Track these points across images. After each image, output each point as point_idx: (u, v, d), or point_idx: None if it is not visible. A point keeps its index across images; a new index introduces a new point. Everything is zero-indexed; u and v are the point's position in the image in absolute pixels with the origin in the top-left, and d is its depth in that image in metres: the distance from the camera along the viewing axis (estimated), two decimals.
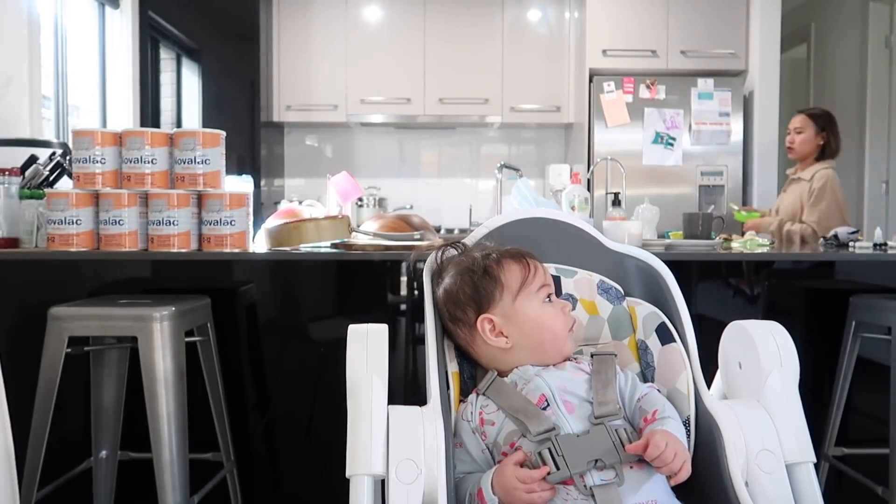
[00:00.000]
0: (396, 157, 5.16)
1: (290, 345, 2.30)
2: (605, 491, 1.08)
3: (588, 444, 1.11)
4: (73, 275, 2.20)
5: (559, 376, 1.21)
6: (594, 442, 1.12)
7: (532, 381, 1.21)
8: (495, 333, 1.25)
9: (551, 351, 1.25)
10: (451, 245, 1.38)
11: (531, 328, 1.25)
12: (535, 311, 1.26)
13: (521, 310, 1.25)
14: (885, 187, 4.54)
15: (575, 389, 1.20)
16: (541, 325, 1.25)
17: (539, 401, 1.18)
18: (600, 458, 1.10)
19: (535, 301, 1.26)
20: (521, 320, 1.25)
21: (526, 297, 1.26)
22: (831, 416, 2.16)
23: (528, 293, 1.26)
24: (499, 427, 1.17)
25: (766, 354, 1.22)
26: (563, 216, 1.48)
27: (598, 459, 1.10)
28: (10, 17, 2.94)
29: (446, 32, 4.75)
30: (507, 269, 1.27)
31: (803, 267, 2.43)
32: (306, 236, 2.05)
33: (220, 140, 2.06)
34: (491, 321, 1.25)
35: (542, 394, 1.18)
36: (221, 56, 4.67)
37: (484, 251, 1.32)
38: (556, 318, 1.26)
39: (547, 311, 1.26)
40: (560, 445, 1.11)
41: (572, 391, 1.19)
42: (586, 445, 1.11)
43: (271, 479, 2.28)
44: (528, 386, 1.20)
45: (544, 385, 1.19)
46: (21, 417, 1.63)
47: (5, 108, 2.90)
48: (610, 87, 4.18)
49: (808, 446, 1.18)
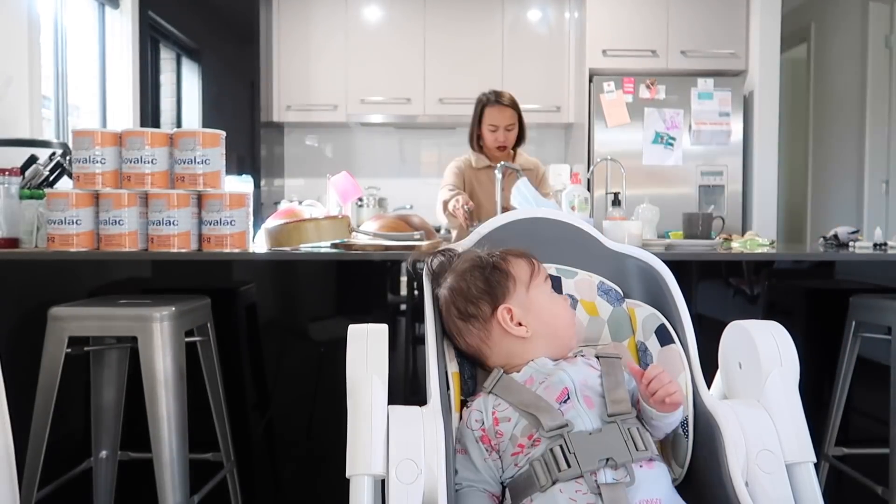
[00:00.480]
0: (396, 157, 5.16)
1: (290, 345, 2.30)
2: (612, 490, 1.07)
3: (600, 442, 1.11)
4: (73, 275, 2.20)
5: (578, 370, 1.20)
6: (606, 440, 1.12)
7: (554, 374, 1.20)
8: (515, 322, 1.26)
9: (565, 340, 1.28)
10: (446, 250, 1.38)
11: (548, 316, 1.27)
12: (549, 301, 1.29)
13: (536, 300, 1.28)
14: (885, 187, 4.54)
15: (593, 385, 1.19)
16: (556, 313, 1.29)
17: (561, 394, 1.16)
18: (612, 456, 1.10)
19: (547, 291, 1.31)
20: (537, 309, 1.27)
21: (537, 287, 1.29)
22: (831, 416, 2.16)
23: (538, 284, 1.30)
24: (515, 422, 1.16)
25: (766, 354, 1.22)
26: (563, 216, 1.48)
27: (610, 458, 1.10)
28: (10, 17, 2.94)
29: (446, 32, 4.75)
30: (515, 263, 1.30)
31: (803, 267, 2.43)
32: (306, 236, 2.05)
33: (220, 140, 2.06)
34: (510, 310, 1.26)
35: (566, 387, 1.17)
36: (221, 56, 4.67)
37: (484, 251, 1.33)
38: (566, 309, 1.31)
39: (557, 301, 1.31)
40: (572, 442, 1.11)
41: (591, 386, 1.19)
42: (598, 443, 1.11)
43: (271, 479, 2.28)
44: (550, 379, 1.19)
45: (567, 378, 1.18)
46: (21, 417, 1.63)
47: (5, 108, 2.90)
48: (610, 87, 4.18)
49: (808, 446, 1.18)
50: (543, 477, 1.10)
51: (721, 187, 4.20)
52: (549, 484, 1.09)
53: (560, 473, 1.09)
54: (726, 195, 4.19)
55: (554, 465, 1.10)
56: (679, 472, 1.21)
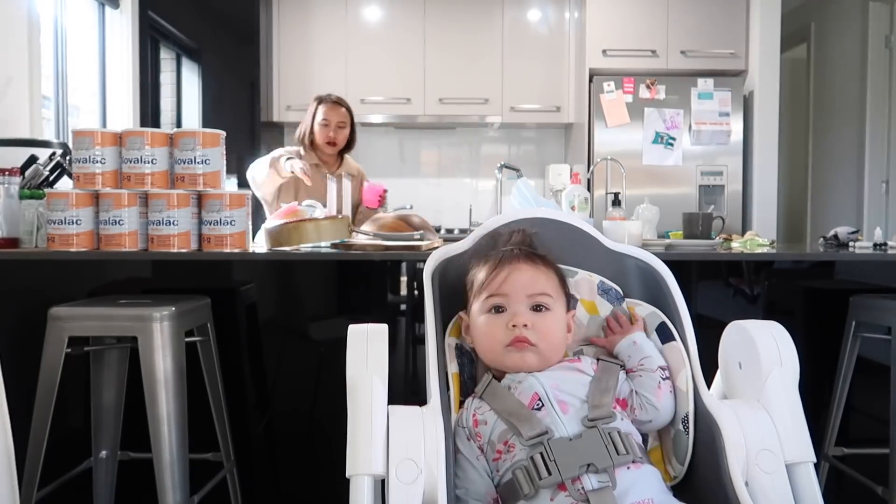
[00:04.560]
0: (396, 157, 5.16)
1: (290, 345, 2.30)
2: (600, 495, 1.07)
3: (580, 448, 1.11)
4: (73, 275, 2.20)
5: (552, 375, 1.21)
6: (587, 446, 1.11)
7: (525, 380, 1.21)
8: (467, 331, 1.30)
9: (488, 361, 1.26)
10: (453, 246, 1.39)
11: (476, 333, 1.27)
12: (478, 319, 1.27)
13: (473, 314, 1.28)
14: (885, 187, 4.54)
15: (571, 389, 1.20)
16: (478, 332, 1.27)
17: (532, 400, 1.17)
18: (592, 462, 1.10)
19: (481, 310, 1.27)
20: (473, 325, 1.28)
21: (478, 304, 1.27)
22: (831, 416, 2.16)
23: (479, 301, 1.27)
24: (491, 426, 1.18)
25: (766, 354, 1.22)
26: (563, 216, 1.48)
27: (591, 464, 1.10)
28: (10, 17, 2.94)
29: (446, 32, 4.75)
30: (479, 271, 1.29)
31: (803, 267, 2.43)
32: (306, 236, 2.05)
33: (220, 140, 2.06)
34: (463, 319, 1.30)
35: (535, 392, 1.18)
36: (221, 56, 4.67)
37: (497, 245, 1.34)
38: (495, 330, 1.24)
39: (489, 321, 1.25)
40: (552, 450, 1.11)
41: (568, 390, 1.19)
42: (578, 449, 1.11)
43: (271, 479, 2.28)
44: (521, 386, 1.20)
45: (537, 384, 1.19)
46: (21, 417, 1.63)
47: (5, 108, 2.90)
48: (610, 87, 4.18)
49: (808, 446, 1.18)
50: (526, 486, 1.10)
51: (721, 187, 4.20)
52: (532, 492, 1.09)
53: (541, 481, 1.09)
54: (726, 195, 4.19)
55: (535, 472, 1.10)
56: (679, 469, 1.21)
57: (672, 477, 1.23)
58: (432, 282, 1.35)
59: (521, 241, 1.34)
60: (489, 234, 1.39)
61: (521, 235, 1.35)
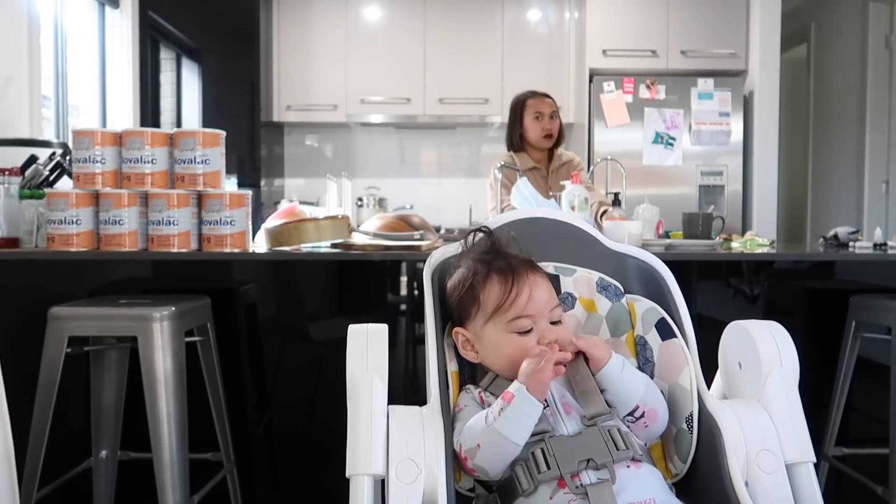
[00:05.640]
0: (396, 157, 5.16)
1: (290, 345, 2.30)
2: (598, 489, 1.07)
3: (580, 445, 1.11)
4: (73, 275, 2.20)
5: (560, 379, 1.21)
6: (586, 442, 1.12)
7: None
8: (468, 346, 1.26)
9: (511, 377, 1.21)
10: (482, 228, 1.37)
11: (492, 352, 1.24)
12: (498, 339, 1.23)
13: (487, 334, 1.24)
14: (885, 187, 4.54)
15: (566, 391, 1.20)
16: (500, 352, 1.23)
17: None
18: (592, 457, 1.10)
19: (504, 330, 1.23)
20: (485, 343, 1.24)
21: (494, 324, 1.23)
22: (831, 416, 2.16)
23: (498, 321, 1.23)
24: None
25: (766, 354, 1.22)
26: (563, 216, 1.48)
27: (590, 459, 1.10)
28: (10, 17, 2.94)
29: (446, 32, 4.75)
30: (489, 288, 1.24)
31: (803, 267, 2.43)
32: (306, 236, 2.05)
33: (220, 140, 2.06)
34: (463, 335, 1.27)
35: None
36: (221, 56, 4.67)
37: (482, 258, 1.29)
38: (525, 353, 1.18)
39: (515, 342, 1.22)
40: (551, 446, 1.11)
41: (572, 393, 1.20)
42: (578, 445, 1.11)
43: (271, 479, 2.28)
44: None
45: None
46: (21, 417, 1.63)
47: (5, 108, 2.91)
48: (610, 87, 4.19)
49: (808, 446, 1.18)
50: (525, 481, 1.10)
51: (721, 187, 4.20)
52: (531, 488, 1.09)
53: (540, 475, 1.09)
54: (726, 195, 4.19)
55: (535, 467, 1.10)
56: (682, 467, 1.21)
57: (673, 474, 1.23)
58: (432, 282, 1.35)
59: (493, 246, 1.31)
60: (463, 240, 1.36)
61: (492, 240, 1.32)
